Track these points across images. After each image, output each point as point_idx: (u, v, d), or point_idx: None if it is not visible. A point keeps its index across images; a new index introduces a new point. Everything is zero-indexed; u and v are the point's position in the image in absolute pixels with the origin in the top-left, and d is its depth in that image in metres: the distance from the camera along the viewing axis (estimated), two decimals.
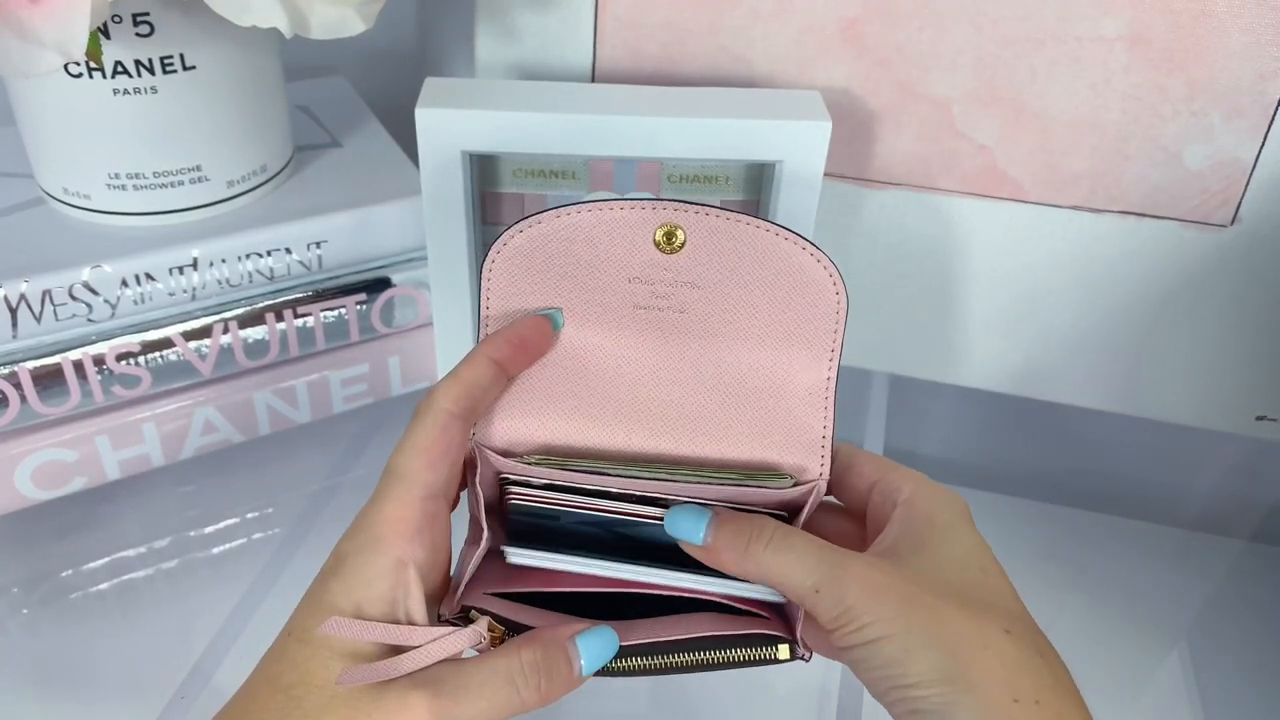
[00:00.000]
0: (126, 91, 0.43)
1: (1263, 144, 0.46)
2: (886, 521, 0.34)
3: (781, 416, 0.36)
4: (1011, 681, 0.29)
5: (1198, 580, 0.54)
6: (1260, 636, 0.51)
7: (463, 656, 0.31)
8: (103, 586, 0.49)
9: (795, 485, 0.35)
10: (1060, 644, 0.50)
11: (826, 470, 0.36)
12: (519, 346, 0.35)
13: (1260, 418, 0.53)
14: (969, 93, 0.48)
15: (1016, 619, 0.31)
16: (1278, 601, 0.53)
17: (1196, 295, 0.50)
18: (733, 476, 0.35)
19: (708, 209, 0.35)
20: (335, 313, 0.50)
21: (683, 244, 0.35)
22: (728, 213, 0.34)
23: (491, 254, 0.35)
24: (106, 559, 0.50)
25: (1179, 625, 0.51)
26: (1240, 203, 0.47)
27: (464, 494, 0.36)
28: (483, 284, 0.36)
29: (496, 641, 0.31)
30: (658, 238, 0.35)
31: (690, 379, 0.36)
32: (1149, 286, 0.50)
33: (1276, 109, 0.45)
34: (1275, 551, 0.56)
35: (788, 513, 0.36)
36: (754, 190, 0.48)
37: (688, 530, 0.33)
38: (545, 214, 0.35)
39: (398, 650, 0.30)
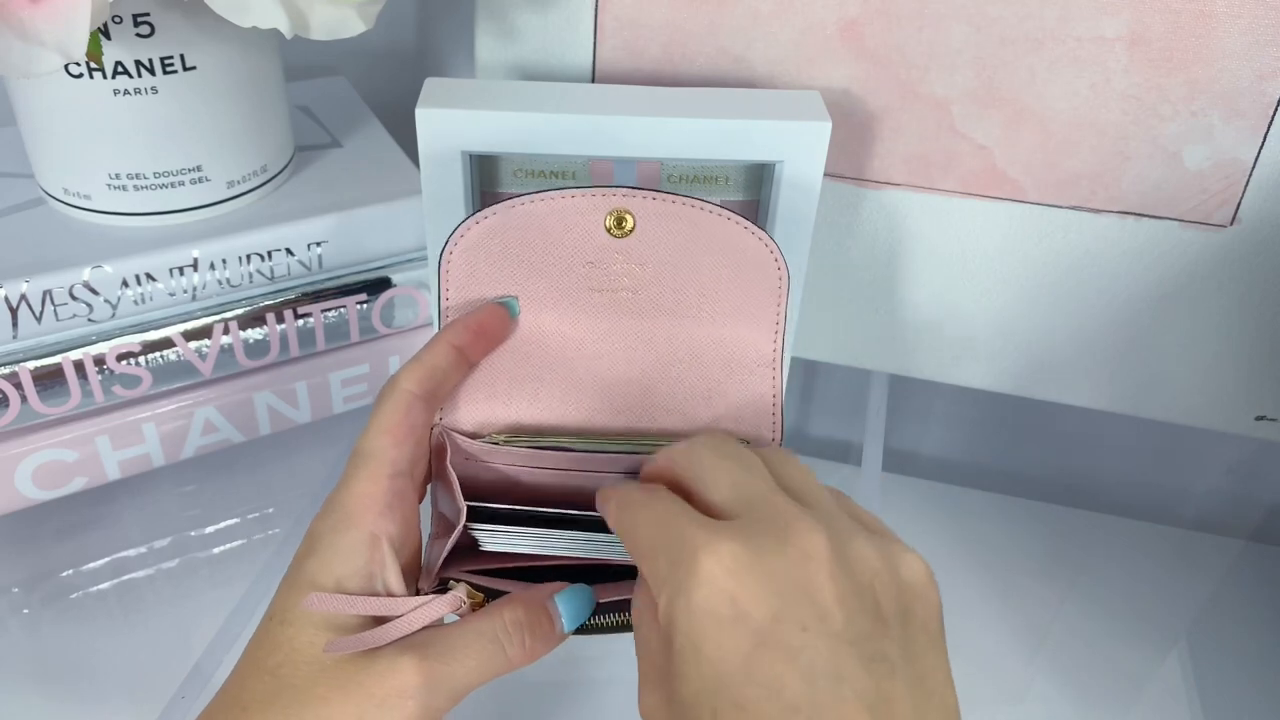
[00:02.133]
0: (127, 92, 0.43)
1: (1262, 144, 0.46)
2: None
3: (734, 387, 0.38)
4: None
5: (1197, 580, 0.54)
6: (1260, 636, 0.51)
7: (444, 623, 0.32)
8: (103, 586, 0.49)
9: None
10: (1060, 644, 0.50)
11: (779, 435, 0.38)
12: (478, 332, 0.36)
13: (1260, 418, 0.53)
14: (969, 93, 0.48)
15: None
16: (1278, 601, 0.53)
17: (1196, 295, 0.50)
18: None
19: (654, 193, 0.36)
20: (335, 313, 0.50)
21: (632, 228, 0.37)
22: (673, 196, 0.36)
23: (449, 246, 0.37)
24: (107, 559, 0.50)
25: (1178, 625, 0.51)
26: (1240, 203, 0.47)
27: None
28: (441, 275, 0.37)
29: (476, 607, 0.32)
30: (608, 223, 0.37)
31: (646, 356, 0.38)
32: (1149, 286, 0.50)
33: (1276, 109, 0.45)
34: (1275, 551, 0.56)
35: None
36: (754, 190, 0.48)
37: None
38: (500, 205, 0.36)
39: (379, 621, 0.31)
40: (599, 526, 0.35)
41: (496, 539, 0.34)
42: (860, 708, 0.24)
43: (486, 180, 0.47)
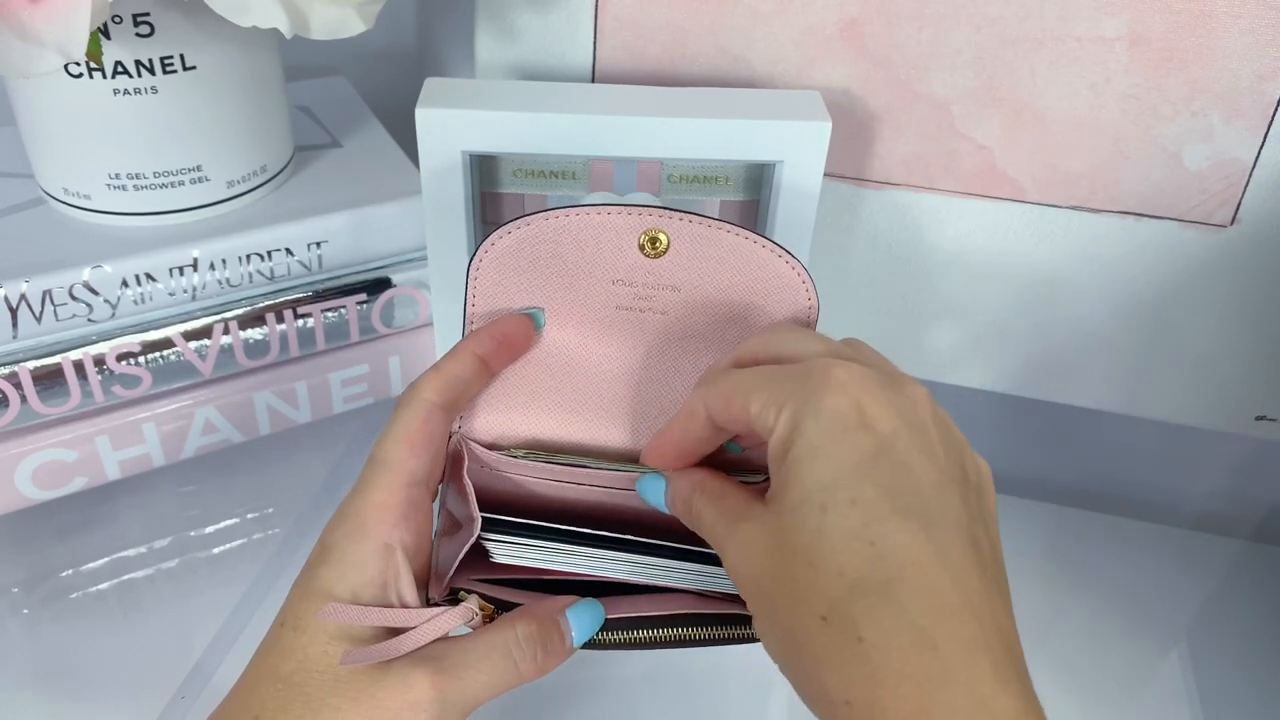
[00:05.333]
0: (127, 92, 0.43)
1: (1262, 144, 0.46)
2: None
3: None
4: (821, 680, 0.26)
5: (1198, 580, 0.54)
6: (1260, 636, 0.51)
7: (455, 635, 0.32)
8: (103, 586, 0.49)
9: (767, 480, 0.36)
10: (1060, 643, 0.50)
11: None
12: (501, 343, 0.36)
13: (1260, 418, 0.53)
14: (969, 93, 0.48)
15: (838, 598, 0.26)
16: (1278, 601, 0.53)
17: (1196, 295, 0.50)
18: None
19: (690, 216, 0.36)
20: (335, 313, 0.50)
21: (666, 249, 0.36)
22: (709, 219, 0.36)
23: (479, 253, 0.36)
24: (106, 559, 0.50)
25: (1178, 625, 0.51)
26: (1240, 203, 0.47)
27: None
28: (469, 282, 0.37)
29: (487, 619, 0.32)
30: (642, 242, 0.36)
31: (670, 377, 0.38)
32: (1149, 286, 0.50)
33: (1276, 109, 0.45)
34: (1275, 551, 0.56)
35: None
36: (754, 190, 0.48)
37: (654, 499, 0.35)
38: (534, 216, 0.36)
39: (393, 632, 0.31)
40: (611, 544, 0.35)
41: (508, 551, 0.34)
42: (959, 534, 0.27)
43: (486, 180, 0.47)
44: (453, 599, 0.32)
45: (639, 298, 0.37)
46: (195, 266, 0.46)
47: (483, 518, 0.33)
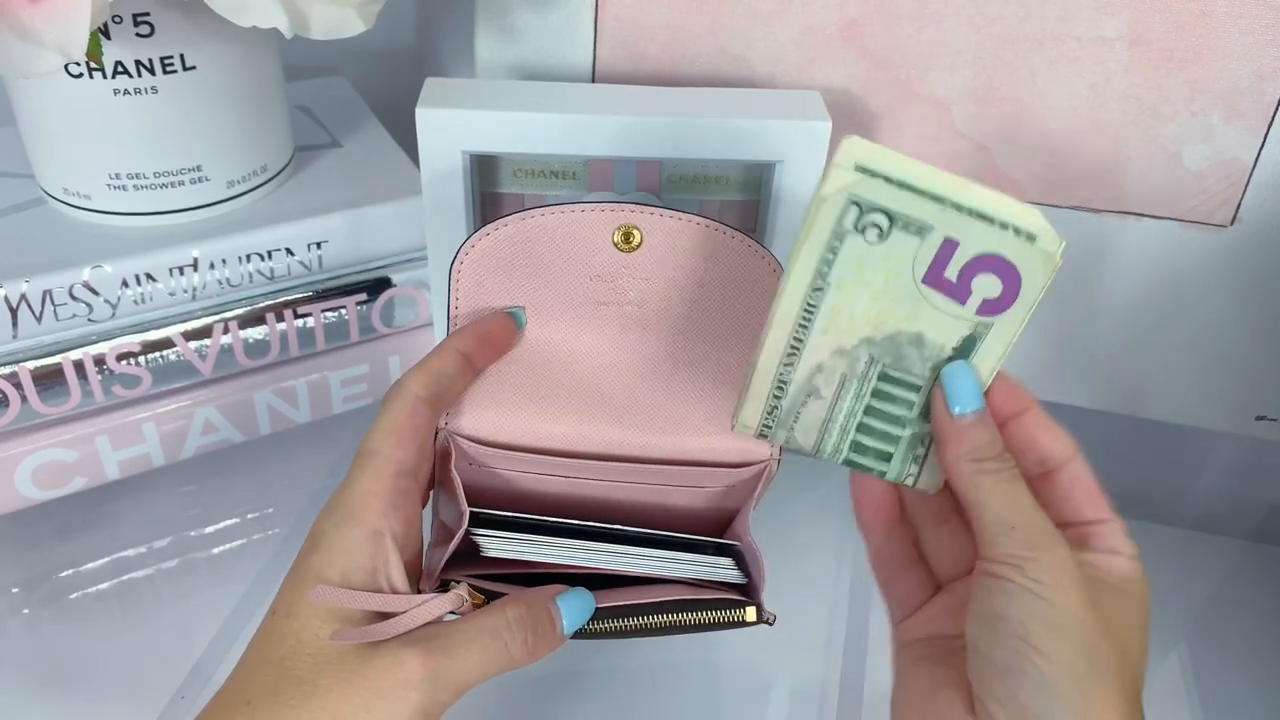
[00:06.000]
0: (127, 92, 0.43)
1: (1262, 144, 0.46)
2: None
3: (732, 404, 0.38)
4: None
5: (1198, 580, 0.54)
6: (1260, 636, 0.51)
7: (446, 620, 0.32)
8: (103, 586, 0.49)
9: (746, 465, 0.38)
10: None
11: (776, 452, 0.38)
12: (484, 340, 0.37)
13: (1260, 418, 0.53)
14: (969, 93, 0.48)
15: (1137, 687, 0.30)
16: (1278, 601, 0.53)
17: (1196, 295, 0.50)
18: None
19: (662, 210, 0.36)
20: (335, 313, 0.50)
21: (640, 244, 0.37)
22: (682, 213, 0.36)
23: (460, 255, 0.37)
24: (107, 559, 0.50)
25: (1179, 625, 0.51)
26: (1240, 203, 0.47)
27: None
28: (451, 284, 0.37)
29: (477, 606, 0.32)
30: (616, 238, 0.37)
31: (648, 370, 0.38)
32: (1149, 286, 0.50)
33: (1276, 109, 0.45)
34: (1275, 551, 0.56)
35: (739, 495, 0.38)
36: (754, 191, 0.48)
37: (965, 388, 0.32)
38: (511, 217, 0.37)
39: (383, 616, 0.31)
40: (599, 536, 0.35)
41: (497, 545, 0.34)
42: None
43: (486, 180, 0.47)
44: (443, 589, 0.33)
45: (616, 291, 0.37)
46: (195, 266, 0.46)
47: (471, 512, 0.34)
